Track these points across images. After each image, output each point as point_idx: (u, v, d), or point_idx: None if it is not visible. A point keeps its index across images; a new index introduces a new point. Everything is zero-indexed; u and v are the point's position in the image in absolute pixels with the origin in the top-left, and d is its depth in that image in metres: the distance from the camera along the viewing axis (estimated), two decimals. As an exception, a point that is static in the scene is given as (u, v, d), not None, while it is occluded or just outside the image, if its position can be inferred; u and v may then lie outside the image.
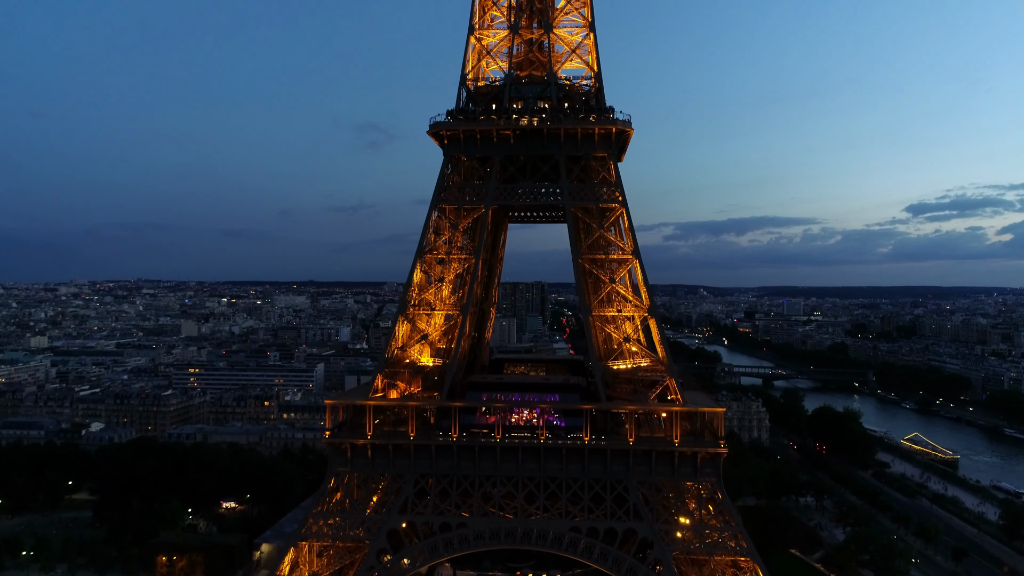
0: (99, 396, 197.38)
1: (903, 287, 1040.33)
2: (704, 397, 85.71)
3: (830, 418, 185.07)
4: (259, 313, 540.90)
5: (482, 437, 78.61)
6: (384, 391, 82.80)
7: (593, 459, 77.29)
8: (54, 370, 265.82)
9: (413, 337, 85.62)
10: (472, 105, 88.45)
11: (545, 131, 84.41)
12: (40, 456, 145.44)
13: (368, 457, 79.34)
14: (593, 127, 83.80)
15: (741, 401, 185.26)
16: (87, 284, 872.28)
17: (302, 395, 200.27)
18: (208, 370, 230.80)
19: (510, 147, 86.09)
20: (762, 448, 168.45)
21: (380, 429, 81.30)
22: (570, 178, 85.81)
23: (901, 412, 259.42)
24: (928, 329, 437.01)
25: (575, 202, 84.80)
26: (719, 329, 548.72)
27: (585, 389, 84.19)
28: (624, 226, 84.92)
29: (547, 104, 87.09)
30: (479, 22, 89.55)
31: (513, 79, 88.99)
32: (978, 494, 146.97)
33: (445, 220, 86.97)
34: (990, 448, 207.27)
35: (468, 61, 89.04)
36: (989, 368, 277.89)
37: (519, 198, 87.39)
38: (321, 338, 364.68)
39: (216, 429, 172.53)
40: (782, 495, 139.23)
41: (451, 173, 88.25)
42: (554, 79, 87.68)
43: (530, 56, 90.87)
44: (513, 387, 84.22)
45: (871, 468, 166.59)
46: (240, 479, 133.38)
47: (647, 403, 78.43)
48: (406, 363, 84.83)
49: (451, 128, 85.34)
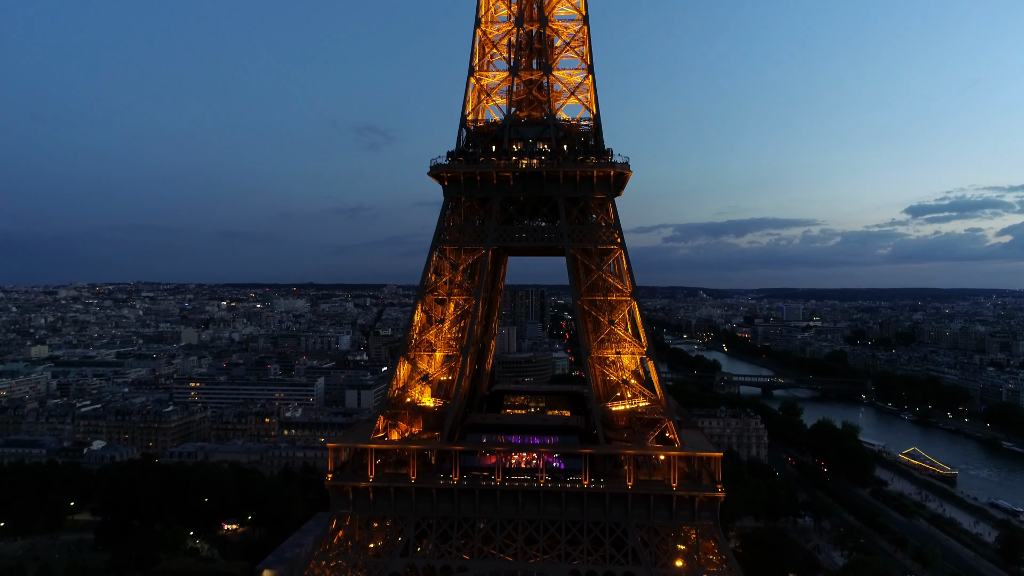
0: (100, 412, 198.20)
1: (902, 289, 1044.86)
2: (701, 437, 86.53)
3: (829, 434, 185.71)
4: (259, 319, 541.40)
5: (483, 480, 79.50)
6: (385, 431, 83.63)
7: (592, 502, 78.18)
8: (55, 382, 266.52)
9: (414, 377, 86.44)
10: (472, 145, 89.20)
11: (545, 173, 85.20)
12: (42, 476, 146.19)
13: (370, 499, 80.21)
14: (592, 170, 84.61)
15: (740, 418, 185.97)
16: (86, 287, 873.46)
17: (303, 411, 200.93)
18: (209, 384, 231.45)
19: (510, 189, 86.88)
20: (761, 466, 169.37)
21: (382, 470, 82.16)
22: (569, 219, 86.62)
23: (900, 423, 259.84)
24: (927, 336, 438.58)
25: (574, 244, 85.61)
26: (719, 334, 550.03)
27: (584, 430, 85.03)
28: (623, 267, 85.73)
29: (546, 146, 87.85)
30: (479, 63, 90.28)
31: (513, 120, 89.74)
32: (975, 513, 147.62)
33: (445, 261, 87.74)
34: (988, 462, 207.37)
35: (468, 101, 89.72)
36: (987, 379, 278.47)
37: (519, 240, 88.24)
38: (321, 346, 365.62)
39: (217, 447, 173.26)
40: (780, 516, 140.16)
41: (451, 213, 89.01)
42: (553, 120, 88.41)
43: (530, 96, 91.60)
44: (512, 429, 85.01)
45: (869, 486, 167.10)
46: (241, 500, 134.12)
47: (646, 446, 79.30)
48: (407, 403, 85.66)
49: (451, 170, 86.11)
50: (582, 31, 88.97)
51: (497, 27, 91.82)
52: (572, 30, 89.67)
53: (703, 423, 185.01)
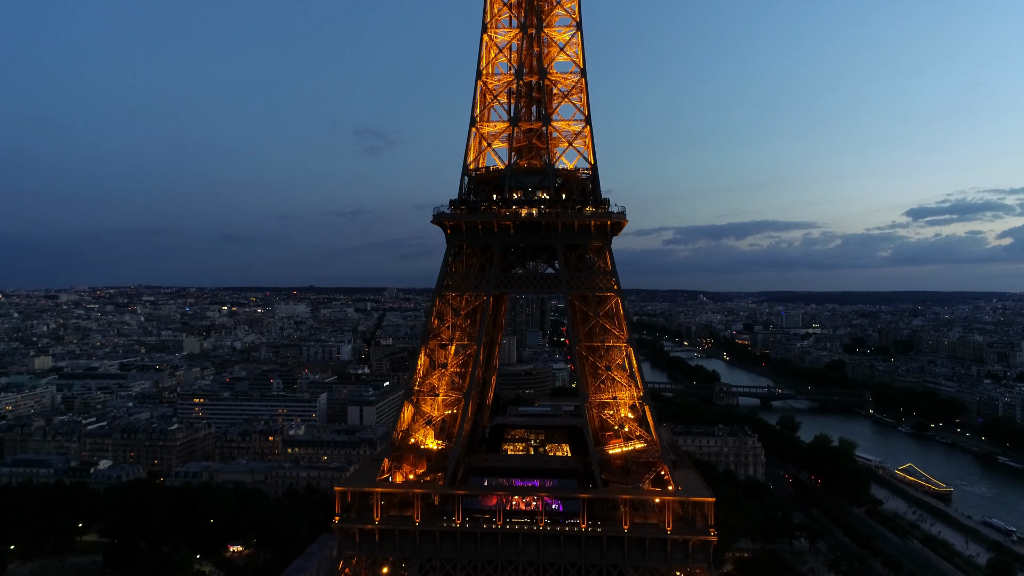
0: (106, 430, 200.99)
1: (903, 292, 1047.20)
2: (695, 477, 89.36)
3: (825, 451, 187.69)
4: (260, 325, 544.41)
5: (484, 522, 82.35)
6: (390, 472, 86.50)
7: (589, 545, 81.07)
8: (59, 395, 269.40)
9: (418, 421, 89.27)
10: (474, 193, 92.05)
11: (544, 223, 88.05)
12: (50, 497, 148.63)
13: (376, 541, 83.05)
14: (589, 220, 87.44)
15: (737, 436, 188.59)
16: (87, 291, 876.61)
17: (305, 428, 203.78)
18: (213, 400, 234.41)
19: (511, 237, 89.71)
20: (757, 485, 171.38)
21: (387, 511, 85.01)
22: (568, 266, 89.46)
23: (897, 436, 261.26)
24: (926, 345, 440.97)
25: (573, 290, 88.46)
26: (719, 341, 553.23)
27: (581, 472, 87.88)
28: (620, 312, 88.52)
29: (546, 193, 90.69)
30: (480, 114, 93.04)
31: (514, 168, 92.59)
32: (968, 534, 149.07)
33: (448, 306, 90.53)
34: (984, 477, 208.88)
35: (470, 150, 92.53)
36: (984, 392, 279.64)
37: (519, 287, 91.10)
38: (322, 355, 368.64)
39: (222, 467, 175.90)
40: (776, 538, 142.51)
41: (453, 259, 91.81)
42: (552, 169, 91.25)
43: (530, 144, 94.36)
44: (513, 471, 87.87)
45: (865, 505, 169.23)
46: (247, 522, 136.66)
47: (641, 490, 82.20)
48: (411, 445, 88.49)
49: (454, 219, 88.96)
50: (580, 82, 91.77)
51: (498, 78, 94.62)
52: (571, 81, 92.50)
53: (701, 441, 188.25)
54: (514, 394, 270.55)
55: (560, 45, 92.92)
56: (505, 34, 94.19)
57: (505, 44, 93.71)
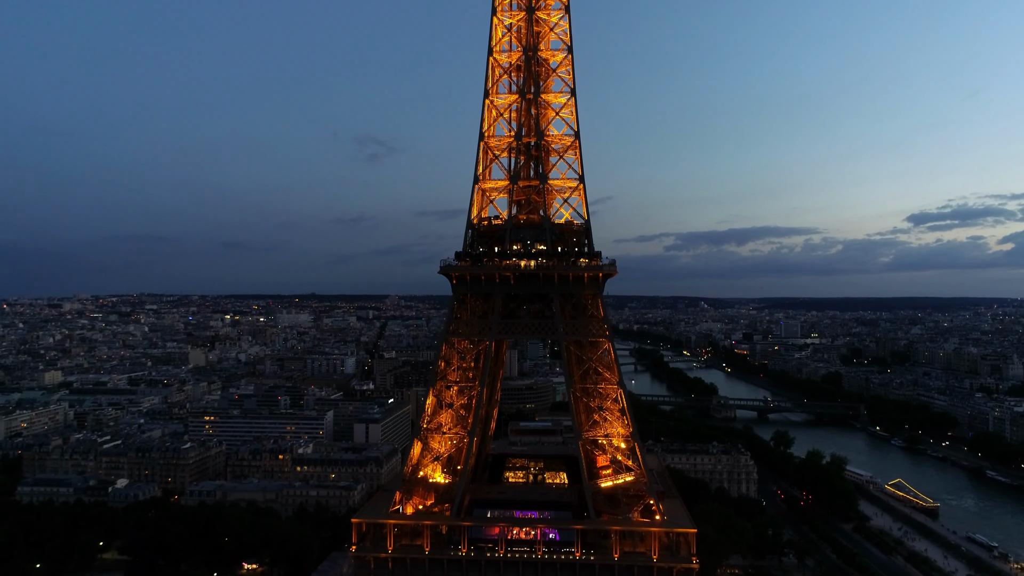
0: (121, 449, 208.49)
1: (904, 298, 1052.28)
2: (680, 507, 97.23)
3: (816, 468, 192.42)
4: (264, 336, 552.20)
5: (488, 551, 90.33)
6: (402, 504, 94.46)
7: (584, 573, 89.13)
8: (72, 412, 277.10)
9: (427, 456, 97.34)
10: (478, 244, 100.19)
11: (541, 275, 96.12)
12: (72, 516, 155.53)
13: (389, 569, 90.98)
14: (583, 272, 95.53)
15: (731, 454, 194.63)
16: (90, 299, 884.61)
17: (313, 446, 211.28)
18: (222, 418, 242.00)
19: (511, 287, 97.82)
20: (750, 502, 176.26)
21: (399, 540, 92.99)
22: (563, 314, 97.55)
23: (890, 450, 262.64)
24: (921, 356, 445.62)
25: (568, 336, 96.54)
26: (718, 351, 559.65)
27: (576, 504, 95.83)
28: (611, 357, 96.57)
29: (543, 245, 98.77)
30: (482, 173, 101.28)
31: (513, 222, 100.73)
32: (951, 550, 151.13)
33: (454, 351, 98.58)
34: (973, 491, 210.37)
35: (474, 206, 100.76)
36: (974, 406, 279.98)
37: (519, 333, 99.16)
38: (327, 368, 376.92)
39: (235, 486, 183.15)
40: (766, 554, 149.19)
41: (459, 307, 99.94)
42: (549, 224, 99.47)
43: (528, 199, 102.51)
44: (513, 504, 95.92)
45: (853, 521, 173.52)
46: (260, 540, 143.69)
47: (630, 521, 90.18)
48: (420, 478, 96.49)
49: (460, 271, 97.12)
50: (574, 143, 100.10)
51: (498, 138, 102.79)
52: (566, 142, 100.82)
53: (696, 459, 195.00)
54: (515, 408, 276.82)
55: (556, 107, 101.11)
56: (505, 98, 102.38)
57: (505, 107, 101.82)
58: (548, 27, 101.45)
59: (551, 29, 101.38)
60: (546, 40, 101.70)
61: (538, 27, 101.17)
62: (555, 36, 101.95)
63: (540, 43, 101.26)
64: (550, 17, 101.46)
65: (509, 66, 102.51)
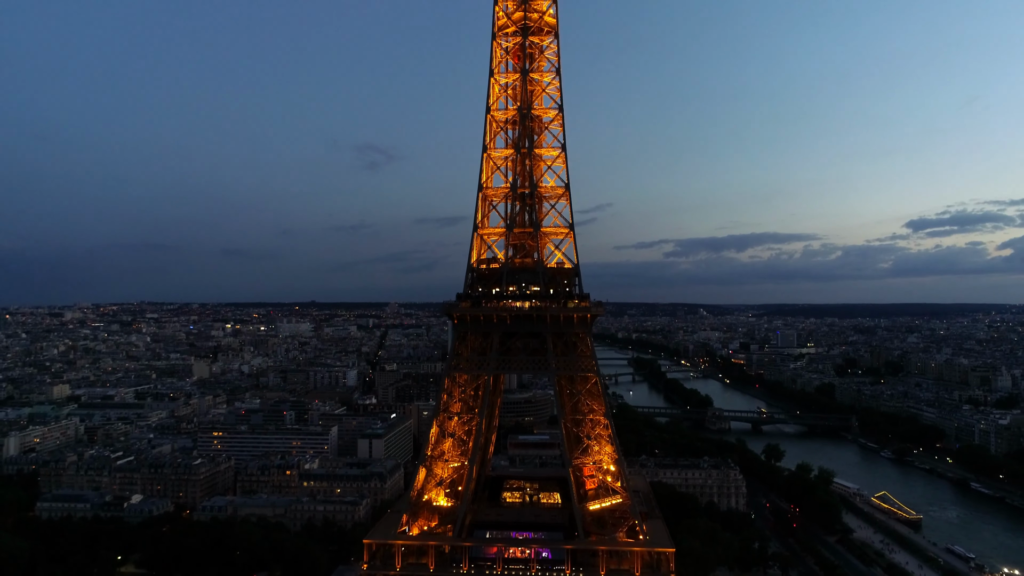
0: (134, 465, 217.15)
1: (903, 304, 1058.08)
2: (662, 527, 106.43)
3: (803, 481, 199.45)
4: (265, 346, 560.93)
5: (487, 569, 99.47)
6: (408, 526, 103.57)
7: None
8: (83, 426, 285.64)
9: (431, 481, 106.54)
10: (478, 286, 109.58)
11: (535, 316, 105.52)
12: (90, 531, 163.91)
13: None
14: (573, 313, 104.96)
15: (720, 469, 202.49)
16: (91, 307, 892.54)
17: (319, 462, 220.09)
18: (230, 433, 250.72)
19: (507, 326, 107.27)
20: (738, 516, 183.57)
21: (406, 559, 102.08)
22: (555, 351, 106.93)
23: (879, 462, 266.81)
24: (914, 367, 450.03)
25: (559, 371, 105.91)
26: (715, 361, 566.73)
27: (567, 525, 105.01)
28: (599, 390, 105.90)
29: (536, 287, 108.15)
30: (481, 221, 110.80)
31: (510, 266, 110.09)
32: (928, 562, 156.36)
33: (455, 385, 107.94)
34: (957, 503, 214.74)
35: (474, 250, 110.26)
36: (961, 418, 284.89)
37: (515, 368, 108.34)
38: (329, 380, 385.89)
39: (245, 501, 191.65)
40: (752, 566, 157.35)
41: (460, 344, 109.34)
42: (542, 268, 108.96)
43: (523, 244, 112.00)
44: (510, 525, 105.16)
45: (837, 534, 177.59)
46: (271, 555, 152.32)
47: (615, 541, 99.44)
48: (424, 502, 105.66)
49: (461, 312, 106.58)
50: (565, 194, 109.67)
51: (495, 189, 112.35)
52: (558, 192, 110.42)
53: (687, 474, 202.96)
54: (514, 421, 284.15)
55: (548, 159, 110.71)
56: (501, 151, 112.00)
57: (502, 160, 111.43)
58: (541, 87, 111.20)
59: (543, 89, 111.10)
60: (539, 99, 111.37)
61: (531, 87, 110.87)
62: (547, 94, 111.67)
63: (533, 101, 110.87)
64: (542, 77, 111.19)
65: (505, 121, 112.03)
